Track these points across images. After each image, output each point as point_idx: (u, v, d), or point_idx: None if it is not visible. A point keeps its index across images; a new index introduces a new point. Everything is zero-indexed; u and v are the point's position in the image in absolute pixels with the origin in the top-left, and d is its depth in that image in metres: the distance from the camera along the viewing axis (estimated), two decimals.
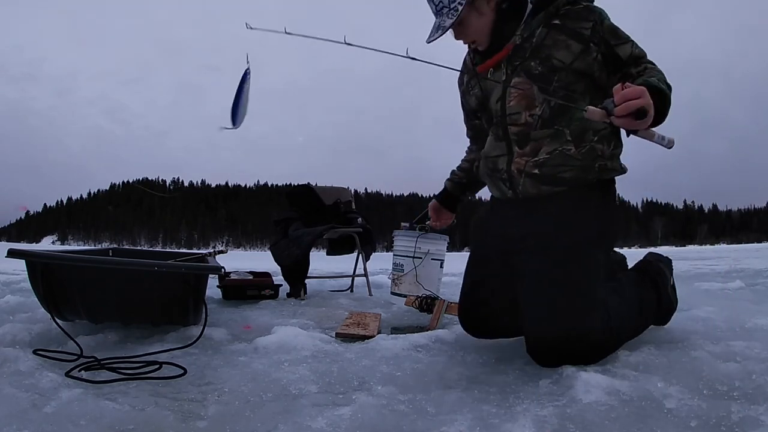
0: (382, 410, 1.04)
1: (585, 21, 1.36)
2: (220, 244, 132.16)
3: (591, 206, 1.44)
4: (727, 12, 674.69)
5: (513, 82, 1.42)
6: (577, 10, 1.38)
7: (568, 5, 1.39)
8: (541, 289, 1.39)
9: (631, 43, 1.37)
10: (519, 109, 1.42)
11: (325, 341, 1.70)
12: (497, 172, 1.50)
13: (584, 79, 1.38)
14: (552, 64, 1.37)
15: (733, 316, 2.12)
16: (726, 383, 1.14)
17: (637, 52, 1.36)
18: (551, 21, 1.39)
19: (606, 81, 1.38)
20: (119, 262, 1.81)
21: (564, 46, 1.36)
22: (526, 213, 1.48)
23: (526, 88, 1.40)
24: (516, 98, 1.42)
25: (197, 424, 0.98)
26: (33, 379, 1.22)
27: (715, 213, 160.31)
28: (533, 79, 1.38)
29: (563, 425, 0.95)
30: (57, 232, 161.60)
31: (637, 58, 1.36)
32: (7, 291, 3.13)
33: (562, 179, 1.40)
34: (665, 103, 1.21)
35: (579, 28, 1.36)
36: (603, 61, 1.37)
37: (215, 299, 2.94)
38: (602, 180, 1.44)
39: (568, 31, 1.36)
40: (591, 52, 1.36)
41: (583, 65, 1.36)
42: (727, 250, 23.22)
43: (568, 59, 1.36)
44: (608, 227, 1.48)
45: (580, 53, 1.36)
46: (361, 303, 2.87)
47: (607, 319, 1.38)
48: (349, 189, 3.88)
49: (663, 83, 1.25)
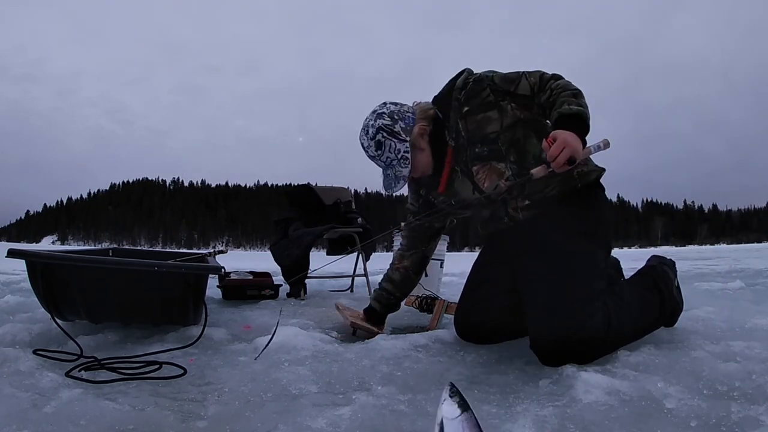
0: (382, 410, 1.04)
1: (482, 91, 1.51)
2: (220, 244, 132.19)
3: (582, 209, 1.52)
4: (727, 12, 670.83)
5: (474, 171, 1.56)
6: (471, 89, 1.53)
7: (462, 91, 1.54)
8: (542, 289, 1.43)
9: (523, 75, 1.50)
10: (495, 182, 1.53)
11: (325, 341, 1.70)
12: (499, 220, 1.60)
13: (517, 127, 1.52)
14: (490, 138, 1.52)
15: (733, 316, 2.12)
16: (726, 383, 1.14)
17: (533, 79, 1.49)
18: (462, 112, 1.54)
19: (531, 116, 1.52)
20: (119, 262, 1.81)
21: (486, 121, 1.52)
22: (523, 229, 1.56)
23: (486, 168, 1.54)
24: (486, 178, 1.55)
25: (197, 424, 0.98)
26: (33, 379, 1.22)
27: (715, 213, 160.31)
28: (487, 159, 1.53)
29: (563, 425, 0.95)
30: (57, 232, 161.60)
31: (539, 82, 1.48)
32: (7, 291, 3.13)
33: (551, 197, 1.51)
34: (582, 118, 1.36)
35: (483, 100, 1.51)
36: (518, 105, 1.51)
37: (215, 299, 2.94)
38: (587, 184, 1.53)
39: (479, 109, 1.52)
40: (505, 108, 1.51)
41: (509, 120, 1.51)
42: (727, 250, 23.23)
43: (497, 127, 1.51)
44: (601, 225, 1.55)
45: (500, 115, 1.51)
46: (361, 303, 2.86)
47: (607, 318, 1.40)
48: (349, 189, 3.88)
49: (571, 98, 1.38)
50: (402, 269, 1.89)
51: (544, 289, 1.42)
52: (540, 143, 1.44)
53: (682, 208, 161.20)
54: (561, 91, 1.41)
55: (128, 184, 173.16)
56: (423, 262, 1.90)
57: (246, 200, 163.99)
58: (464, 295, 1.76)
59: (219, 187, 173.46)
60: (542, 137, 1.41)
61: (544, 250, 1.47)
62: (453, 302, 2.03)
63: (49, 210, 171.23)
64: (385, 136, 1.56)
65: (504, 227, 1.59)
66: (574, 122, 1.34)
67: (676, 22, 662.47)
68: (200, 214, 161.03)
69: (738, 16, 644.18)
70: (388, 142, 1.56)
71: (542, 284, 1.43)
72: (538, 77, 1.48)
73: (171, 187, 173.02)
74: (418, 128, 1.58)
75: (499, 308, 1.63)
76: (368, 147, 1.60)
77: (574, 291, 1.39)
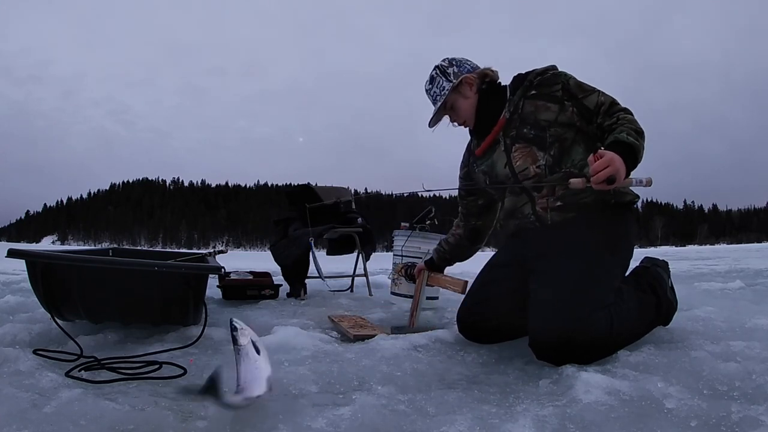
0: (382, 410, 1.04)
1: (555, 85, 1.59)
2: (220, 244, 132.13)
3: (610, 222, 1.56)
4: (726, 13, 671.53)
5: (514, 148, 1.62)
6: (546, 78, 1.61)
7: (539, 76, 1.62)
8: (550, 287, 1.45)
9: (598, 92, 1.57)
10: (526, 165, 1.60)
11: (325, 341, 1.70)
12: (524, 217, 1.64)
13: (571, 129, 1.58)
14: (540, 125, 1.58)
15: (733, 316, 2.13)
16: (726, 383, 1.14)
17: (603, 99, 1.55)
18: (528, 93, 1.62)
19: (587, 128, 1.57)
20: (119, 262, 1.81)
21: (544, 108, 1.59)
22: (548, 231, 1.58)
23: (526, 150, 1.60)
24: (521, 158, 1.61)
25: (197, 424, 0.98)
26: (33, 379, 1.22)
27: (715, 213, 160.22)
28: (530, 142, 1.59)
29: (563, 425, 0.95)
30: (57, 232, 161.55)
31: (608, 106, 1.54)
32: (7, 291, 3.13)
33: (584, 204, 1.55)
34: (636, 151, 1.39)
35: (551, 92, 1.59)
36: (578, 112, 1.57)
37: (215, 299, 2.94)
38: (621, 203, 1.57)
39: (544, 97, 1.59)
40: (566, 108, 1.57)
41: (565, 119, 1.57)
42: (727, 250, 23.22)
43: (551, 117, 1.57)
44: (625, 242, 1.58)
45: (559, 111, 1.57)
46: (361, 303, 2.87)
47: (610, 320, 1.41)
48: (349, 189, 3.87)
49: (633, 132, 1.42)
50: (456, 235, 2.01)
51: (556, 287, 1.44)
52: (586, 154, 1.51)
53: (682, 208, 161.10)
54: (627, 123, 1.46)
55: (128, 184, 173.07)
56: (477, 234, 1.97)
57: (246, 200, 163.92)
58: (471, 292, 1.78)
59: (219, 187, 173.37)
60: (590, 150, 1.48)
61: (565, 253, 1.50)
62: (438, 274, 2.05)
63: (49, 210, 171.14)
64: (438, 73, 1.75)
65: (530, 226, 1.62)
66: (626, 152, 1.36)
67: (675, 24, 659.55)
68: (200, 214, 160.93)
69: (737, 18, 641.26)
70: (438, 79, 1.75)
71: (554, 283, 1.45)
72: (610, 102, 1.54)
73: (171, 187, 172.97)
74: (467, 76, 1.72)
75: (504, 308, 1.63)
76: (426, 81, 1.79)
77: (585, 295, 1.40)
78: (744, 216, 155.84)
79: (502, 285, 1.68)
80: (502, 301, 1.64)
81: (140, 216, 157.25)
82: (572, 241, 1.52)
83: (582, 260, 1.47)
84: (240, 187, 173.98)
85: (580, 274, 1.44)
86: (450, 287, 1.94)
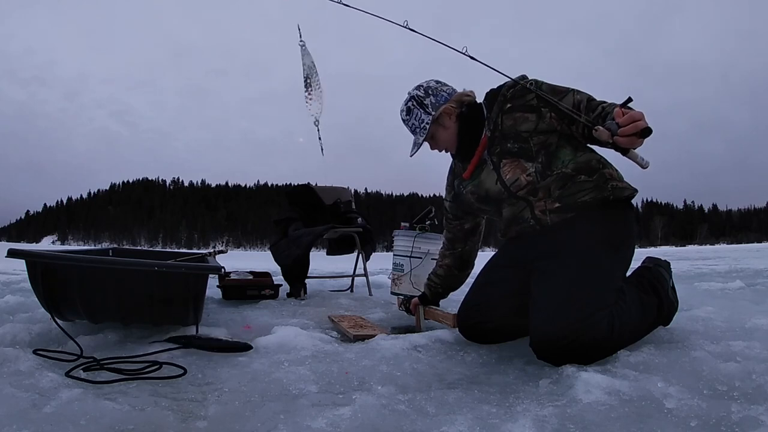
0: (382, 410, 1.04)
1: (528, 94, 1.58)
2: (220, 244, 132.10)
3: (611, 221, 1.54)
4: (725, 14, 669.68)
5: (502, 163, 1.62)
6: (518, 89, 1.60)
7: (511, 89, 1.61)
8: (555, 287, 1.45)
9: (573, 92, 1.54)
10: (516, 176, 1.59)
11: (325, 341, 1.70)
12: (525, 222, 1.62)
13: (553, 134, 1.57)
14: (522, 137, 1.58)
15: (733, 316, 2.12)
16: (726, 383, 1.14)
17: (579, 97, 1.52)
18: (505, 107, 1.62)
19: (569, 129, 1.56)
20: (119, 262, 1.81)
21: (523, 120, 1.58)
22: (548, 232, 1.57)
23: (515, 163, 1.59)
24: (510, 171, 1.60)
25: (197, 424, 0.98)
26: (33, 379, 1.22)
27: (715, 213, 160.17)
28: (516, 155, 1.59)
29: (563, 425, 0.95)
30: (57, 232, 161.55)
31: (586, 102, 1.49)
32: (7, 291, 3.13)
33: (583, 203, 1.53)
34: None
35: (526, 102, 1.58)
36: (558, 117, 1.55)
37: (215, 299, 2.94)
38: (619, 199, 1.55)
39: (520, 108, 1.59)
40: (544, 114, 1.56)
41: (545, 126, 1.57)
42: (727, 250, 23.23)
43: (531, 128, 1.57)
44: (625, 241, 1.57)
45: (537, 119, 1.57)
46: (361, 303, 2.87)
47: (611, 320, 1.40)
48: (349, 189, 3.87)
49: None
50: (444, 266, 1.99)
51: (557, 287, 1.44)
52: (575, 154, 1.54)
53: (682, 208, 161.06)
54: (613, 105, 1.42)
55: (128, 184, 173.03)
56: (464, 260, 1.97)
57: (246, 200, 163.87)
58: (470, 292, 1.78)
59: (219, 187, 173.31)
60: (576, 150, 1.53)
61: (566, 253, 1.49)
62: (433, 308, 2.03)
63: (49, 210, 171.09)
64: (415, 105, 1.75)
65: (530, 230, 1.61)
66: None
67: (674, 25, 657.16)
68: (200, 214, 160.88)
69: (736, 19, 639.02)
70: (416, 111, 1.74)
71: (556, 283, 1.45)
72: (587, 99, 1.52)
73: (171, 187, 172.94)
74: (446, 107, 1.71)
75: (504, 309, 1.63)
76: (402, 111, 1.79)
77: (587, 296, 1.40)
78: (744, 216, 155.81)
79: (502, 286, 1.68)
80: (502, 302, 1.64)
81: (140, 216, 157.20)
82: (573, 242, 1.51)
83: (583, 260, 1.47)
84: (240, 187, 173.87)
85: (581, 274, 1.44)
86: (443, 321, 1.92)
